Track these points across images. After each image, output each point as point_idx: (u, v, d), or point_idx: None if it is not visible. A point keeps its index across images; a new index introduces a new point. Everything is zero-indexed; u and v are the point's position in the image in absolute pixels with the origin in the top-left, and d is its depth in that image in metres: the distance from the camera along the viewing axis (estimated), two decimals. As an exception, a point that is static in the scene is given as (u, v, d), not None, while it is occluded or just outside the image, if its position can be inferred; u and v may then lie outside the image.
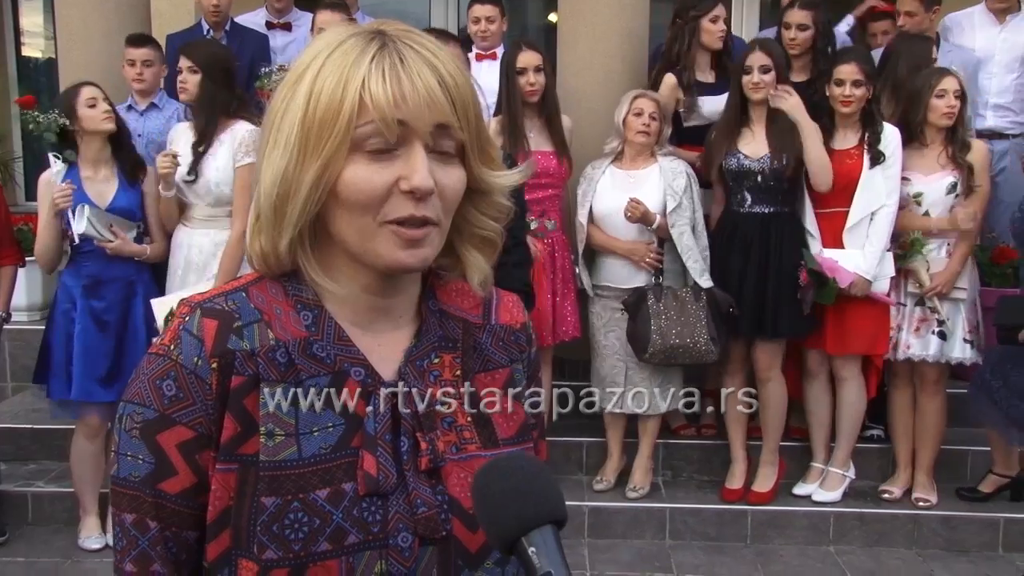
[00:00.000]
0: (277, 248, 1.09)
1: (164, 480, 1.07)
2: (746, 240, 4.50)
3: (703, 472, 4.98)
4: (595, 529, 4.66)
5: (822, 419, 4.68)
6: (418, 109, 1.03)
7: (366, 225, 1.05)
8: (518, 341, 1.25)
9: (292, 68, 1.09)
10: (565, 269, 4.71)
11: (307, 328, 1.11)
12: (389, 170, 1.04)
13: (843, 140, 4.49)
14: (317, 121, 1.03)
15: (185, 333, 1.08)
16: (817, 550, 4.59)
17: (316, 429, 1.08)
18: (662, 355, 4.45)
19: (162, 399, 1.07)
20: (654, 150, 4.61)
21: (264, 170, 1.08)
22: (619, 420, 4.78)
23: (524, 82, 4.53)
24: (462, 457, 1.14)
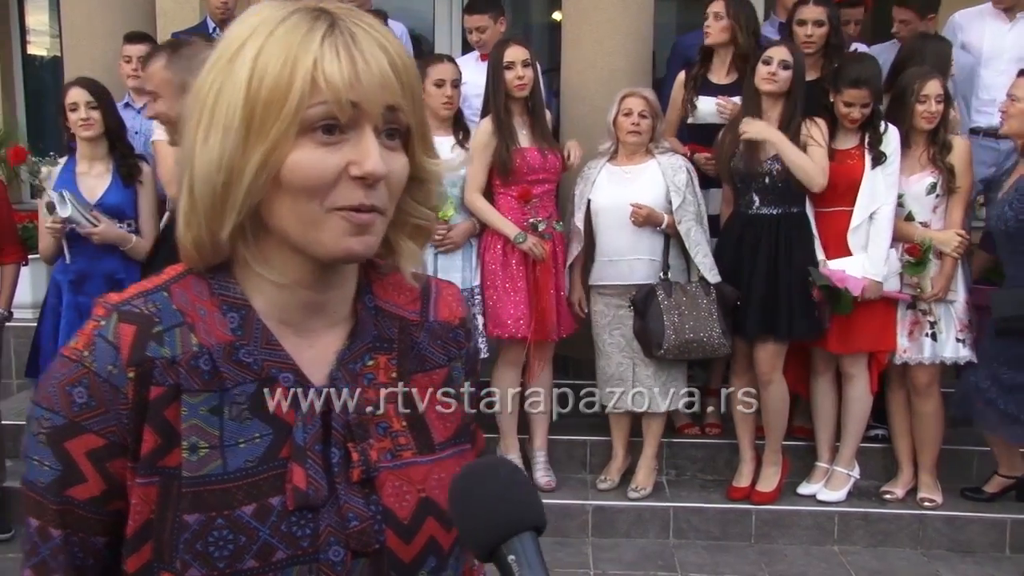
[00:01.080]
0: (217, 238, 1.00)
1: (72, 487, 1.00)
2: (754, 242, 4.41)
3: (707, 471, 4.89)
4: (599, 528, 4.59)
5: (827, 418, 4.59)
6: (372, 90, 0.96)
7: (311, 212, 0.98)
8: (456, 338, 1.18)
9: (222, 44, 1.00)
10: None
11: (233, 331, 1.03)
12: (339, 154, 0.97)
13: (844, 140, 4.41)
14: (262, 101, 0.95)
15: (100, 339, 0.99)
16: (821, 550, 4.50)
17: (242, 441, 1.01)
18: (677, 350, 4.36)
19: (71, 406, 0.98)
20: (649, 147, 4.53)
21: (199, 154, 0.99)
22: (624, 419, 4.70)
23: (512, 76, 4.44)
24: (397, 465, 1.07)
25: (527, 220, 4.50)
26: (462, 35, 7.15)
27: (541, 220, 4.49)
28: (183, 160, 1.02)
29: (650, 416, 4.61)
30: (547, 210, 4.58)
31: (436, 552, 1.08)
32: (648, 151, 4.53)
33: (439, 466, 1.10)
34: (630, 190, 4.46)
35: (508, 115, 4.49)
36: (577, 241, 4.58)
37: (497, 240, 4.53)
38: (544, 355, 4.67)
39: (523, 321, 4.49)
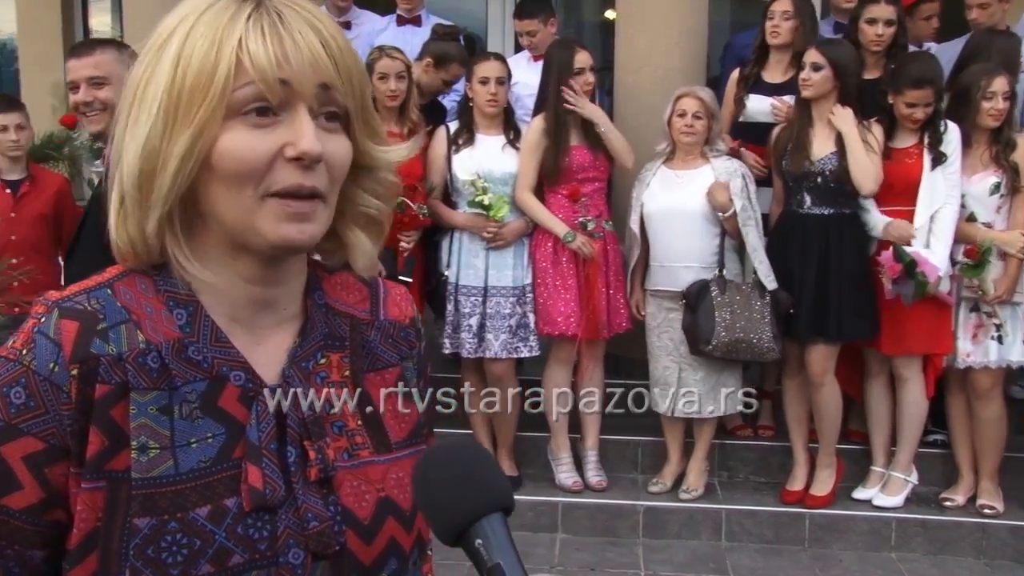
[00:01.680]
0: (143, 232, 0.95)
1: (7, 496, 0.93)
2: (804, 242, 4.32)
3: (760, 474, 4.79)
4: (649, 529, 4.51)
5: (882, 422, 4.46)
6: (301, 69, 0.92)
7: (245, 199, 0.93)
8: (407, 337, 1.14)
9: (154, 34, 0.96)
10: (617, 263, 4.59)
11: (181, 328, 0.97)
12: (272, 136, 0.92)
13: (902, 139, 4.29)
14: (188, 86, 0.91)
15: (40, 336, 0.93)
16: (878, 556, 4.36)
17: (194, 441, 0.95)
18: (725, 348, 4.27)
19: (8, 408, 0.92)
20: (704, 150, 4.44)
21: (127, 145, 0.94)
22: (678, 423, 4.61)
23: (583, 81, 4.42)
24: (354, 464, 1.03)
25: (577, 219, 4.45)
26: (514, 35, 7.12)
27: (591, 219, 4.45)
28: (115, 154, 0.97)
29: (700, 419, 4.53)
30: (597, 209, 4.53)
31: (397, 554, 1.04)
32: (703, 154, 4.44)
33: (397, 466, 1.06)
34: (682, 195, 4.39)
35: (563, 114, 4.44)
36: (635, 244, 4.51)
37: (548, 238, 4.49)
38: (594, 354, 4.61)
39: (573, 319, 4.44)
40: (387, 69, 4.40)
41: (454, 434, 4.59)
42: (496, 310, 4.49)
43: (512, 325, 4.49)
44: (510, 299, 4.50)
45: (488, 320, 4.49)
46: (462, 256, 4.54)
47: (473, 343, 4.50)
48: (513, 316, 4.49)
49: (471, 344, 4.50)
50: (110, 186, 0.98)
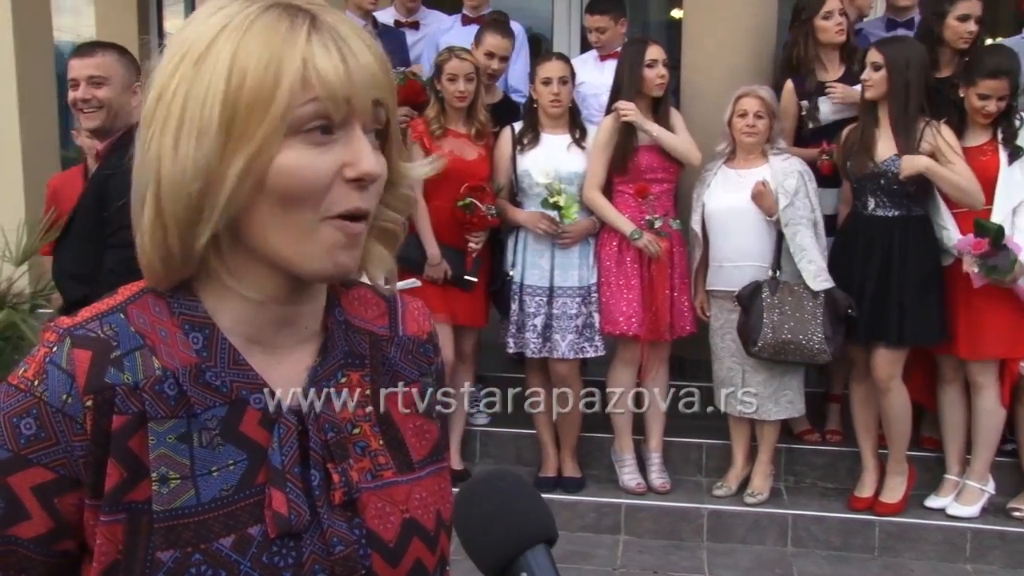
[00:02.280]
0: (191, 251, 0.91)
1: (15, 525, 0.90)
2: (868, 244, 4.20)
3: (827, 479, 4.66)
4: (714, 532, 4.43)
5: (957, 429, 4.30)
6: (363, 85, 0.90)
7: (304, 222, 0.89)
8: (426, 353, 1.11)
9: (181, 44, 0.90)
10: (682, 265, 4.52)
11: (197, 352, 0.93)
12: (330, 156, 0.89)
13: (974, 137, 4.15)
14: (245, 103, 0.86)
15: (52, 367, 0.89)
16: (952, 567, 4.20)
17: (215, 469, 0.92)
18: (772, 349, 4.19)
19: (18, 438, 0.88)
20: (765, 149, 4.36)
21: (168, 162, 0.89)
22: (744, 426, 4.52)
23: (655, 75, 4.35)
24: (378, 485, 1.00)
25: (644, 218, 4.38)
26: (580, 35, 7.05)
27: (658, 217, 4.38)
28: (143, 171, 0.92)
29: (764, 422, 4.44)
30: (664, 207, 4.47)
31: (422, 575, 1.01)
32: (763, 153, 4.36)
33: (419, 485, 1.03)
34: (740, 196, 4.32)
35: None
36: (696, 245, 4.45)
37: (613, 237, 4.44)
38: (659, 355, 4.55)
39: (635, 319, 4.39)
40: (456, 70, 4.36)
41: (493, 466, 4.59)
42: (563, 310, 4.44)
43: (579, 325, 4.44)
44: (576, 299, 4.45)
45: (555, 320, 4.44)
46: (527, 256, 4.49)
47: (538, 343, 4.45)
48: (579, 316, 4.44)
49: (536, 344, 4.45)
50: (134, 197, 0.94)
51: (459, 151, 4.44)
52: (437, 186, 4.37)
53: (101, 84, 3.30)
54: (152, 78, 0.92)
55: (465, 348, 4.64)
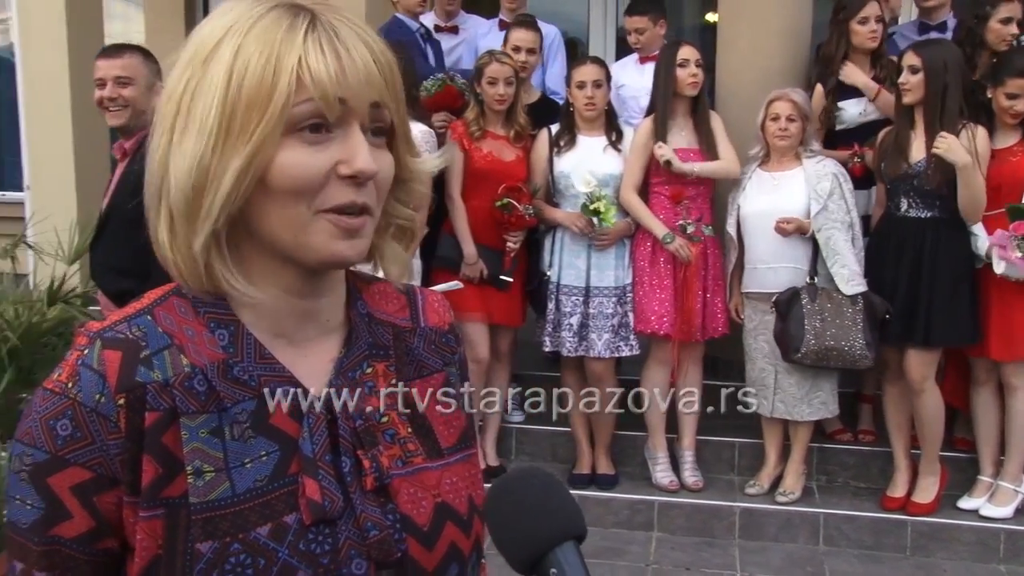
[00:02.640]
0: (190, 250, 0.92)
1: (57, 525, 0.91)
2: (900, 245, 4.17)
3: (859, 479, 4.64)
4: (746, 530, 4.42)
5: (990, 430, 4.27)
6: (358, 86, 0.90)
7: (299, 216, 0.91)
8: (448, 343, 1.12)
9: (194, 43, 0.92)
10: (716, 267, 4.52)
11: (223, 349, 0.95)
12: (326, 153, 0.90)
13: (1003, 138, 4.12)
14: (244, 101, 0.87)
15: (84, 368, 0.91)
16: (985, 568, 4.17)
17: (248, 461, 0.93)
18: (814, 356, 4.17)
19: (55, 439, 0.89)
20: (798, 152, 4.34)
21: (173, 159, 0.91)
22: (777, 426, 4.51)
23: (686, 74, 4.35)
24: (409, 471, 1.00)
25: (677, 221, 4.39)
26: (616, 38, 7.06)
27: (690, 222, 4.39)
28: (155, 169, 0.93)
29: (797, 422, 4.43)
30: (699, 211, 4.47)
31: (458, 558, 1.02)
32: (797, 156, 4.35)
33: (449, 471, 1.04)
34: (775, 198, 4.31)
35: (671, 114, 4.39)
36: (732, 248, 4.45)
37: (647, 238, 4.45)
38: (692, 355, 4.55)
39: (667, 319, 4.40)
40: (496, 74, 4.39)
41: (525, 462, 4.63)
42: (599, 310, 4.45)
43: (614, 325, 4.46)
44: (612, 299, 4.47)
45: (591, 320, 4.46)
46: (564, 256, 4.51)
47: (574, 342, 4.47)
48: (615, 316, 4.46)
49: (571, 343, 4.48)
50: (150, 197, 0.96)
51: (498, 152, 4.48)
52: (476, 187, 4.42)
53: (127, 84, 3.46)
54: (167, 78, 0.94)
55: (501, 347, 4.67)
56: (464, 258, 4.44)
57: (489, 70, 4.40)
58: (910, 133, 4.14)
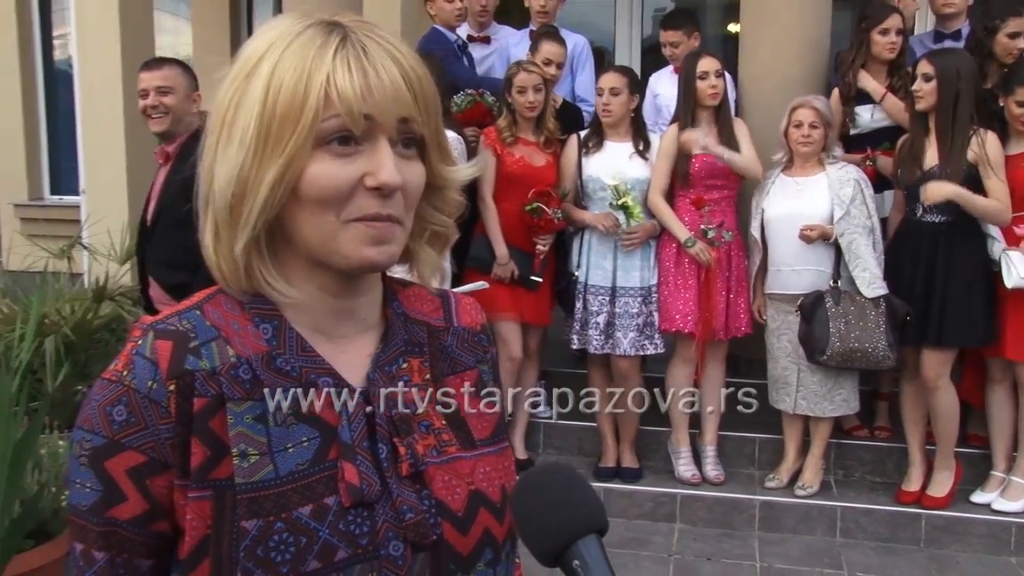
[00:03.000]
0: (232, 253, 0.96)
1: (114, 507, 0.94)
2: (916, 248, 4.23)
3: (876, 473, 4.69)
4: (765, 522, 4.48)
5: (1004, 427, 4.32)
6: (384, 102, 0.92)
7: (327, 224, 0.94)
8: (480, 342, 1.14)
9: (240, 59, 0.96)
10: (740, 268, 4.58)
11: (267, 342, 0.98)
12: (353, 166, 0.93)
13: (1017, 144, 4.15)
14: (278, 116, 0.91)
15: (138, 357, 0.95)
16: (996, 560, 4.22)
17: (290, 445, 0.96)
18: (840, 358, 4.23)
19: (111, 425, 0.94)
20: (821, 157, 4.39)
21: (217, 168, 0.95)
22: (797, 422, 4.57)
23: (706, 86, 4.42)
24: (444, 460, 1.03)
25: (699, 226, 4.46)
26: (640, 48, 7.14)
27: (712, 227, 4.45)
28: (204, 176, 0.98)
29: (817, 419, 4.49)
30: (723, 215, 4.52)
31: (492, 544, 1.03)
32: (819, 161, 4.39)
33: (483, 461, 1.06)
34: (799, 203, 4.36)
35: (694, 122, 4.47)
36: (756, 250, 4.50)
37: (673, 240, 4.52)
38: (715, 354, 4.62)
39: (691, 318, 4.47)
40: (525, 83, 4.48)
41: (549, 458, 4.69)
42: (624, 309, 4.53)
43: (639, 324, 4.53)
44: (637, 299, 4.54)
45: (617, 319, 4.53)
46: (591, 257, 4.59)
47: (600, 340, 4.55)
48: (640, 315, 4.53)
49: (598, 341, 4.55)
50: (199, 204, 0.99)
51: (529, 157, 4.56)
52: (507, 190, 4.51)
53: (167, 93, 3.70)
54: (217, 91, 0.97)
55: (531, 344, 4.75)
56: (496, 259, 4.53)
57: (518, 79, 4.49)
58: (924, 140, 4.19)
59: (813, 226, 4.25)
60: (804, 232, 4.25)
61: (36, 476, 3.37)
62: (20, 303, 4.64)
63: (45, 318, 4.42)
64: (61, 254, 5.13)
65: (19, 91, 8.12)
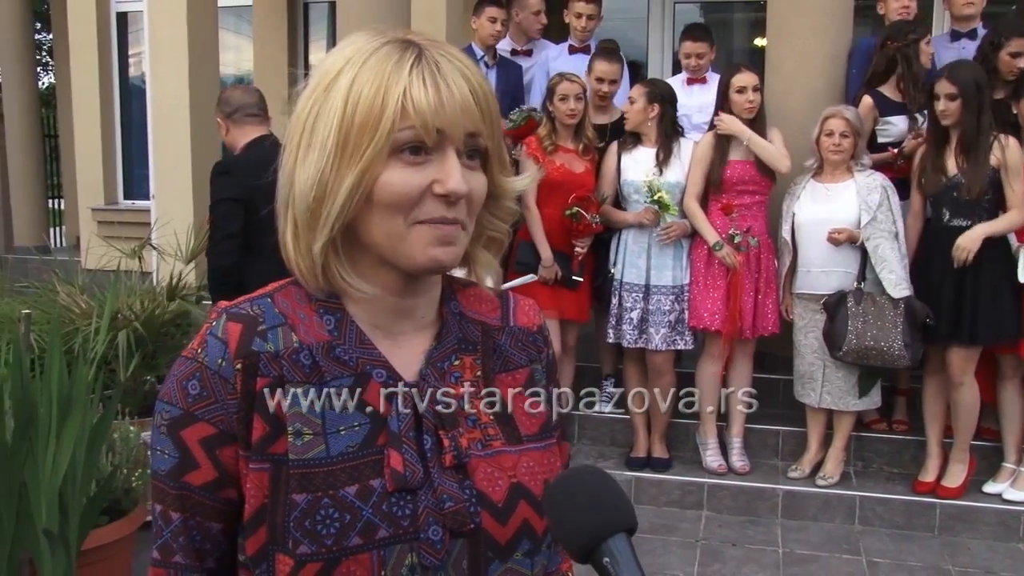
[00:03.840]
0: (311, 251, 0.98)
1: (188, 473, 0.99)
2: (945, 252, 4.22)
3: (893, 465, 4.71)
4: (788, 510, 4.52)
5: (1015, 421, 4.33)
6: (455, 117, 0.94)
7: (396, 227, 0.96)
8: (535, 342, 1.14)
9: (319, 72, 0.98)
10: (769, 270, 4.59)
11: (330, 332, 1.01)
12: (423, 173, 0.95)
13: None
14: (356, 126, 0.93)
15: (211, 337, 0.99)
16: (1006, 546, 4.24)
17: (342, 428, 0.99)
18: (855, 354, 4.26)
19: (187, 398, 0.98)
20: (850, 165, 4.41)
21: (298, 173, 0.97)
22: (820, 415, 4.61)
23: (743, 99, 4.46)
24: (488, 453, 1.03)
25: (728, 231, 4.49)
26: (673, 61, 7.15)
27: (739, 233, 4.47)
28: (284, 181, 1.00)
29: (840, 413, 4.51)
30: (752, 220, 4.54)
31: (530, 535, 1.03)
32: (848, 168, 4.41)
33: (528, 456, 1.06)
34: (828, 208, 4.39)
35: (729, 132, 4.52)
36: (786, 252, 4.52)
37: (704, 242, 4.56)
38: (744, 351, 4.65)
39: (718, 316, 4.51)
40: (567, 91, 4.55)
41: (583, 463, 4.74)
42: (657, 306, 4.57)
43: (671, 320, 4.57)
44: (669, 297, 4.58)
45: (650, 316, 4.58)
46: (627, 256, 4.64)
47: (634, 334, 4.60)
48: (672, 312, 4.57)
49: (632, 335, 4.61)
50: (279, 206, 1.01)
51: (569, 164, 4.62)
52: (549, 196, 4.57)
53: None
54: (297, 101, 0.99)
55: (569, 341, 4.82)
56: (541, 261, 4.60)
57: (560, 88, 4.56)
58: (945, 150, 4.20)
59: (841, 230, 4.28)
60: (832, 235, 4.28)
61: (110, 458, 3.49)
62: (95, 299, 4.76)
63: (118, 313, 4.54)
64: (133, 254, 5.24)
65: (98, 106, 8.37)
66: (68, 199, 9.89)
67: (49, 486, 2.79)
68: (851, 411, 4.48)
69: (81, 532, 2.92)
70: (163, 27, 6.66)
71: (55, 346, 2.94)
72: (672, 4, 7.43)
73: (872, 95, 4.64)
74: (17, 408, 2.78)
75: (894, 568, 4.04)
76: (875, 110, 4.64)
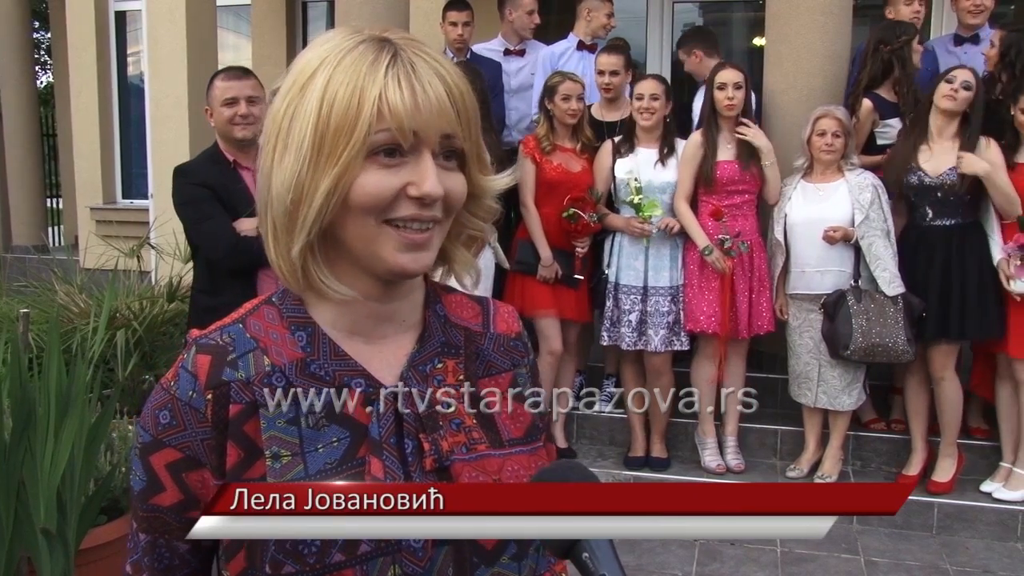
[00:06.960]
0: (290, 255, 0.97)
1: (155, 495, 1.01)
2: (930, 252, 4.26)
3: (891, 464, 4.71)
4: (786, 510, 4.46)
5: (1011, 420, 4.32)
6: (430, 119, 0.93)
7: (368, 227, 0.95)
8: (517, 348, 1.14)
9: (295, 71, 0.96)
10: (761, 269, 4.58)
11: (303, 349, 1.01)
12: (398, 176, 0.94)
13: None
14: (332, 128, 0.92)
15: (183, 371, 1.00)
16: (1004, 545, 4.24)
17: (320, 446, 0.98)
18: (862, 353, 4.26)
19: (157, 426, 1.00)
20: (840, 164, 4.41)
21: (274, 175, 0.96)
22: (817, 415, 4.61)
23: (723, 96, 4.44)
24: (472, 457, 1.02)
25: (717, 236, 4.48)
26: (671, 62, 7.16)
27: (728, 237, 4.46)
28: (262, 183, 0.99)
29: (836, 412, 4.51)
30: (743, 221, 4.52)
31: (516, 539, 1.02)
32: (839, 168, 4.41)
33: (512, 460, 1.05)
34: (821, 208, 4.39)
35: (716, 130, 4.50)
36: (779, 252, 4.51)
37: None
38: (737, 351, 4.65)
39: (715, 318, 4.50)
40: (569, 91, 4.55)
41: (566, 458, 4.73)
42: (656, 308, 4.57)
43: (669, 322, 4.57)
44: (667, 298, 4.58)
45: (649, 317, 4.58)
46: (622, 258, 4.63)
47: (633, 337, 4.60)
48: (670, 313, 4.57)
49: (631, 338, 4.60)
50: (260, 209, 1.01)
51: (567, 164, 4.62)
52: (547, 195, 4.57)
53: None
54: (273, 101, 0.98)
55: (570, 339, 4.80)
56: (541, 260, 4.60)
57: (562, 88, 4.55)
58: (929, 146, 4.22)
59: (837, 227, 4.28)
60: (828, 233, 4.28)
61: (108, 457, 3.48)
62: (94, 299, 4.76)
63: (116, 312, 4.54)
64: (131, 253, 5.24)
65: (96, 105, 8.36)
66: (66, 198, 9.90)
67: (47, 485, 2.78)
68: (846, 410, 4.47)
69: (79, 531, 2.92)
70: (162, 26, 6.66)
71: (53, 345, 2.93)
72: (671, 4, 7.43)
73: (871, 98, 4.65)
74: (15, 407, 2.78)
75: (892, 567, 4.03)
76: (875, 113, 4.65)
